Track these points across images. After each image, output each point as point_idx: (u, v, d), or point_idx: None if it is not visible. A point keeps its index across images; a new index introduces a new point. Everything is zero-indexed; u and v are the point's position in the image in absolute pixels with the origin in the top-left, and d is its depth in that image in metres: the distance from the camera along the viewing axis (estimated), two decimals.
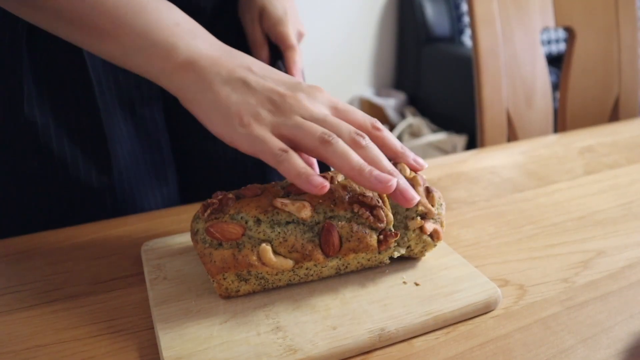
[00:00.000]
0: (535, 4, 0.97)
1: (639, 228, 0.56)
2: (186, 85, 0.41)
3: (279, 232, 0.41)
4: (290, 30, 0.60)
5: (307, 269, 0.43)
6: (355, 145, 0.39)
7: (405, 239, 0.45)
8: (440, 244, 0.48)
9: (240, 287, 0.42)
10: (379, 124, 0.43)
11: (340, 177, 0.46)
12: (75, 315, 0.43)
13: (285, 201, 0.42)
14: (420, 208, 0.44)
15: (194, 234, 0.43)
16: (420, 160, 0.45)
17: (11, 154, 0.57)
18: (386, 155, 0.42)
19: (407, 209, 0.44)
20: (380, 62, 2.79)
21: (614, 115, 1.08)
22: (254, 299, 0.42)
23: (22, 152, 0.56)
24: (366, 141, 0.40)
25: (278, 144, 0.39)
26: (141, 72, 0.43)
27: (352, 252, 0.42)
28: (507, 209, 0.60)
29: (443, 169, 0.71)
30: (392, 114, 2.64)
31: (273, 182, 0.47)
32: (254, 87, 0.40)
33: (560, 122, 1.07)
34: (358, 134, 0.40)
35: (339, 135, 0.39)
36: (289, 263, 0.41)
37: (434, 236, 0.45)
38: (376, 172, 0.38)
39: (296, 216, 0.42)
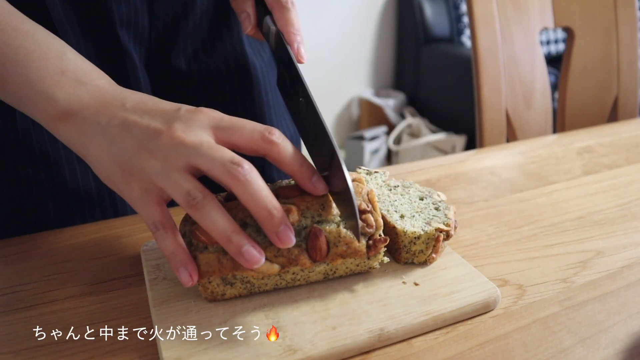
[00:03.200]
0: (534, 4, 0.97)
1: (638, 228, 0.56)
2: (69, 137, 0.40)
3: (265, 236, 0.40)
4: None
5: (293, 273, 0.42)
6: (232, 179, 0.35)
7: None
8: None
9: (225, 291, 0.42)
10: (271, 135, 0.37)
11: None
12: (75, 315, 0.43)
13: None
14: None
15: (182, 236, 0.43)
16: (320, 186, 0.39)
17: (8, 160, 0.57)
18: (285, 171, 0.38)
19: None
20: (379, 62, 2.79)
21: (613, 115, 1.08)
22: (253, 299, 0.42)
23: (19, 158, 0.56)
24: (244, 172, 0.35)
25: (153, 216, 0.37)
26: (35, 120, 0.42)
27: (340, 257, 0.42)
28: (506, 209, 0.60)
29: (442, 170, 0.71)
30: (391, 114, 2.64)
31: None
32: (131, 131, 0.38)
33: (559, 123, 1.07)
34: (234, 164, 0.35)
35: (213, 170, 0.36)
36: (275, 267, 0.41)
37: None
38: (245, 247, 0.35)
39: None
